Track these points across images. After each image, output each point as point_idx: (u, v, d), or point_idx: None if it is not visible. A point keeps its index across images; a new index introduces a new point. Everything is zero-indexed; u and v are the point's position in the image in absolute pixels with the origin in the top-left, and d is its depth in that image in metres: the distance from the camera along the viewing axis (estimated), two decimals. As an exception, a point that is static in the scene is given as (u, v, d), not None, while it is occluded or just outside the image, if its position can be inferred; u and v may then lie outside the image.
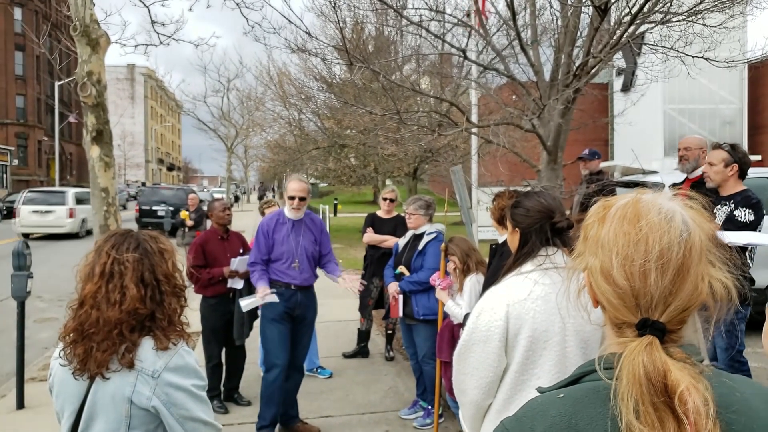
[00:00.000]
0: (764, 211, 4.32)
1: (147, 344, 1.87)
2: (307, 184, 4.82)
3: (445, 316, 4.46)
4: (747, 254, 4.33)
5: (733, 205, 4.23)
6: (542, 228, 2.15)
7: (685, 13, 5.64)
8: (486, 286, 3.50)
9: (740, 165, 4.32)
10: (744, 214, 4.16)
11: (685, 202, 1.06)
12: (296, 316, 4.78)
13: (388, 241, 6.19)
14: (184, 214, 12.99)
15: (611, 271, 1.01)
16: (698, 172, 4.87)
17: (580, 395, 1.01)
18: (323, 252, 4.95)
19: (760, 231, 4.28)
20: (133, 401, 1.83)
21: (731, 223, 4.15)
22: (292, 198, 4.71)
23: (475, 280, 4.29)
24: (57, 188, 27.43)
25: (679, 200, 1.05)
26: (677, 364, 0.95)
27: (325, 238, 4.98)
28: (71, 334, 1.88)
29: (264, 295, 4.58)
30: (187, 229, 12.74)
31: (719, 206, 4.30)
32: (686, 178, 5.07)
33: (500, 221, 3.88)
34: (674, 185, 5.06)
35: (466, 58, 6.70)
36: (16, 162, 47.91)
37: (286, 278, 4.71)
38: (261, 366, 5.40)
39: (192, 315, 2.42)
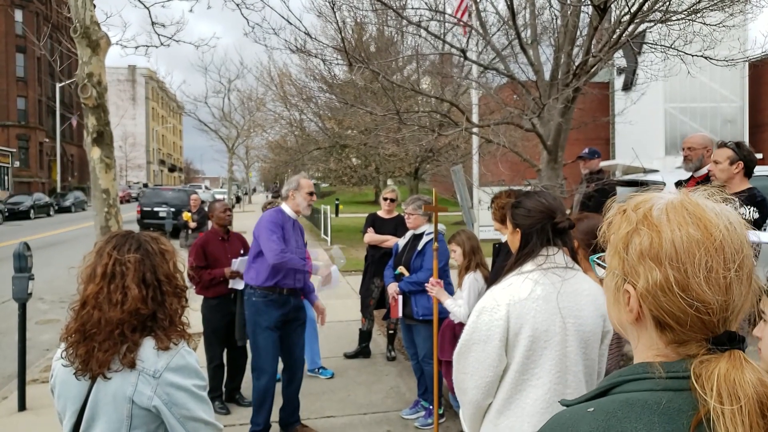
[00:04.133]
0: None
1: (148, 344, 1.88)
2: None
3: (443, 314, 4.45)
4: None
5: (737, 203, 4.22)
6: (543, 228, 2.15)
7: (685, 12, 5.63)
8: (489, 285, 3.51)
9: (746, 162, 4.29)
10: (748, 212, 4.15)
11: (714, 198, 0.99)
12: (290, 319, 4.74)
13: (389, 241, 6.19)
14: (187, 215, 12.96)
15: (690, 285, 0.90)
16: (703, 171, 4.86)
17: (612, 409, 0.93)
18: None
19: (765, 230, 4.26)
20: (134, 401, 1.83)
21: None
22: (311, 194, 4.74)
23: (473, 277, 4.29)
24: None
25: (711, 196, 0.98)
26: None
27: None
28: (73, 335, 1.89)
29: (325, 281, 4.68)
30: (190, 231, 12.71)
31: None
32: (692, 176, 5.07)
33: (502, 221, 3.88)
34: (679, 183, 5.06)
35: (466, 58, 6.70)
36: (17, 164, 48.00)
37: (283, 280, 4.60)
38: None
39: (193, 316, 2.43)
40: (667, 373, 0.92)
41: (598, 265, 1.11)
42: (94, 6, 5.66)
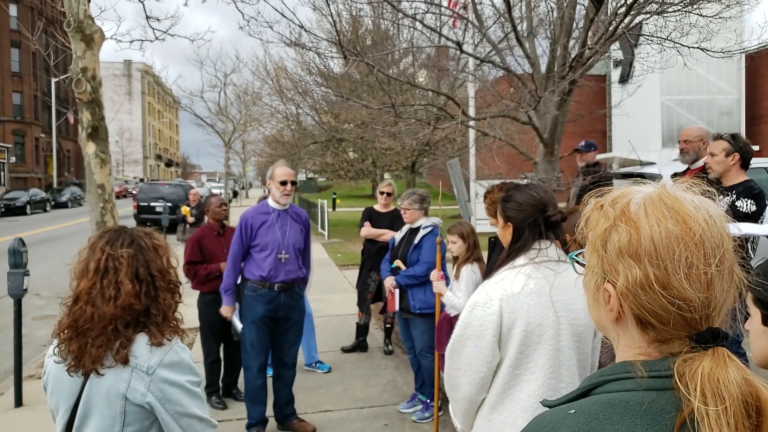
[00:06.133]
0: (767, 202, 4.29)
1: (141, 340, 1.87)
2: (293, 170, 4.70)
3: (442, 308, 4.45)
4: (749, 245, 4.32)
5: (734, 196, 4.20)
6: (535, 222, 2.12)
7: (681, 3, 5.62)
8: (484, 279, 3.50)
9: (742, 154, 4.28)
10: (745, 205, 4.14)
11: (693, 190, 0.96)
12: (279, 317, 4.63)
13: (386, 234, 6.19)
14: (185, 209, 12.93)
15: (670, 282, 0.88)
16: (700, 163, 4.86)
17: (593, 410, 0.90)
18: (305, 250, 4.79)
19: (762, 222, 4.26)
20: (127, 397, 1.82)
21: (732, 214, 4.12)
22: (283, 183, 4.49)
23: (470, 269, 4.29)
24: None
25: (689, 188, 0.96)
26: (762, 380, 0.84)
27: (307, 236, 4.80)
28: (66, 331, 1.88)
29: (228, 316, 4.59)
30: (188, 226, 12.69)
31: (721, 197, 4.27)
32: (688, 168, 5.06)
33: (496, 215, 3.86)
34: (675, 175, 5.05)
35: (462, 51, 6.68)
36: (13, 159, 47.82)
37: (269, 273, 4.49)
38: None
39: (189, 311, 2.42)
40: (648, 373, 0.90)
41: (577, 262, 1.08)
42: (88, 0, 5.62)
